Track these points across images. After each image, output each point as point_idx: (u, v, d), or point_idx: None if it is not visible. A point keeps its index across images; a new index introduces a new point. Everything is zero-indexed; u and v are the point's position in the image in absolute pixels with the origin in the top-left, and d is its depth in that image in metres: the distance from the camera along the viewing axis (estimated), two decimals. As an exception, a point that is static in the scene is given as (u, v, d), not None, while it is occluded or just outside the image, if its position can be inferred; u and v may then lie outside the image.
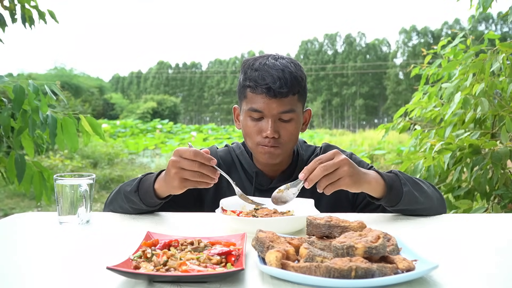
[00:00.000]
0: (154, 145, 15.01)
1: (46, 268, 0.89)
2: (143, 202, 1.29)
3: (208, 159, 1.13)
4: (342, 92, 62.05)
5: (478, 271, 0.86)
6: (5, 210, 5.84)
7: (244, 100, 1.39)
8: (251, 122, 1.37)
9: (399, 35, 60.70)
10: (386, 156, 10.81)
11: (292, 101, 1.35)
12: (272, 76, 1.31)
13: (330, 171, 1.12)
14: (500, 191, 2.24)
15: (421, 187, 1.30)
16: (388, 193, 1.23)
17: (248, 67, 1.38)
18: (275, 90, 1.31)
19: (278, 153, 1.38)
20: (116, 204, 1.38)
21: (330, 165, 1.11)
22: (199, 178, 1.14)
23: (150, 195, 1.26)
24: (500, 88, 2.42)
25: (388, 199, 1.24)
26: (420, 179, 1.35)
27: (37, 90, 2.02)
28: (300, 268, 0.78)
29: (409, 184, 1.26)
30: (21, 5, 2.44)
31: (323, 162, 1.12)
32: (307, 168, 1.13)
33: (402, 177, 1.26)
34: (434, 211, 1.34)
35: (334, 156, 1.14)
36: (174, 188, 1.19)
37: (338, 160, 1.12)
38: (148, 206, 1.30)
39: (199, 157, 1.12)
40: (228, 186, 1.45)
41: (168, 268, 0.81)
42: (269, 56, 1.38)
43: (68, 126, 2.15)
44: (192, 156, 1.12)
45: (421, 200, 1.28)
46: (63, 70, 37.31)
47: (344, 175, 1.12)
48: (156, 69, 74.97)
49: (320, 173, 1.11)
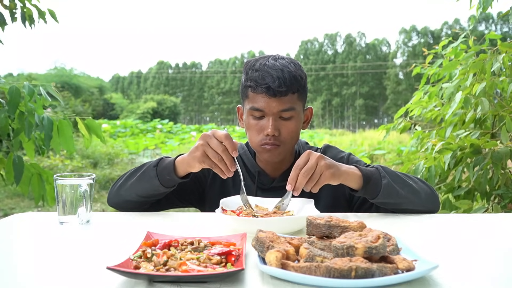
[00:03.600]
0: (154, 145, 15.00)
1: (46, 268, 0.89)
2: (158, 178, 1.31)
3: (233, 147, 1.20)
4: (342, 92, 62.07)
5: (478, 271, 0.86)
6: (5, 210, 5.84)
7: (246, 100, 1.43)
8: (253, 121, 1.41)
9: (399, 35, 60.73)
10: (386, 156, 10.81)
11: (292, 99, 1.38)
12: (272, 76, 1.35)
13: (311, 173, 1.18)
14: (500, 191, 2.24)
15: (405, 181, 1.33)
16: (366, 184, 1.27)
17: (249, 68, 1.42)
18: (274, 89, 1.34)
19: (279, 151, 1.41)
20: (124, 188, 1.39)
21: (309, 167, 1.18)
22: (218, 161, 1.21)
23: (169, 170, 1.31)
24: (500, 88, 2.42)
25: (366, 191, 1.29)
26: (408, 175, 1.37)
27: (32, 92, 2.02)
28: (300, 268, 0.78)
29: (388, 177, 1.29)
30: (21, 4, 2.44)
31: (301, 167, 1.19)
32: (290, 178, 1.19)
33: (382, 170, 1.31)
34: (422, 206, 1.35)
35: (308, 157, 1.20)
36: (194, 159, 1.24)
37: (314, 159, 1.19)
38: (162, 184, 1.33)
39: (227, 141, 1.20)
40: (233, 185, 1.50)
41: (168, 268, 0.80)
42: (269, 57, 1.42)
43: (64, 129, 2.15)
44: (223, 138, 1.20)
45: (402, 193, 1.30)
46: (63, 70, 37.28)
47: (323, 170, 1.20)
48: (156, 69, 74.99)
49: (303, 180, 1.18)
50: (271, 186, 1.49)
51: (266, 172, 1.51)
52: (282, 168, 1.51)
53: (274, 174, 1.51)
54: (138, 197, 1.37)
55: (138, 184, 1.36)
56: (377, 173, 1.29)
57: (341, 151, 1.56)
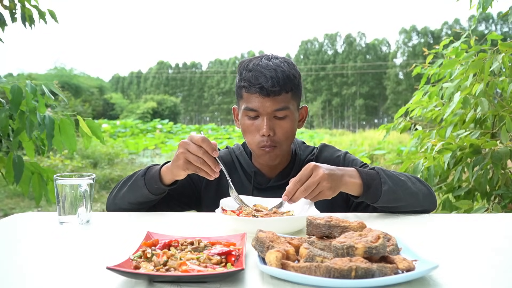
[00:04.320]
0: (154, 145, 15.01)
1: (46, 268, 0.89)
2: (147, 187, 1.33)
3: (212, 148, 1.20)
4: (342, 92, 62.06)
5: (478, 271, 0.86)
6: (5, 210, 5.84)
7: (241, 100, 1.43)
8: (248, 121, 1.42)
9: (399, 35, 60.76)
10: (386, 156, 10.81)
11: (286, 99, 1.39)
12: (265, 75, 1.36)
13: (310, 190, 1.18)
14: (500, 191, 2.24)
15: (405, 183, 1.32)
16: (366, 192, 1.27)
17: (243, 68, 1.43)
18: (267, 89, 1.35)
19: (276, 153, 1.42)
20: (118, 197, 1.40)
21: (310, 185, 1.17)
22: (201, 164, 1.21)
23: (155, 180, 1.32)
24: (500, 88, 2.41)
25: (366, 197, 1.28)
26: (406, 175, 1.37)
27: (34, 91, 2.02)
28: (300, 268, 0.78)
29: (390, 182, 1.28)
30: (21, 5, 2.44)
31: (302, 182, 1.17)
32: (288, 191, 1.18)
33: (383, 175, 1.29)
34: (420, 207, 1.35)
35: (312, 171, 1.19)
36: (178, 168, 1.24)
37: (317, 178, 1.17)
38: (151, 193, 1.34)
39: (205, 144, 1.20)
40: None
41: (168, 268, 0.80)
42: (263, 57, 1.43)
43: (66, 128, 2.14)
44: (200, 141, 1.20)
45: (402, 197, 1.30)
46: (63, 70, 37.30)
47: (324, 189, 1.18)
48: (156, 69, 74.98)
49: (300, 195, 1.18)
50: (267, 186, 1.50)
51: (262, 172, 1.52)
52: (279, 168, 1.51)
53: (270, 174, 1.52)
54: (132, 205, 1.39)
55: (129, 193, 1.38)
56: (377, 179, 1.28)
57: (338, 150, 1.57)
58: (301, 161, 1.53)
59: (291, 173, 1.49)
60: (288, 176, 1.48)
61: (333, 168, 1.23)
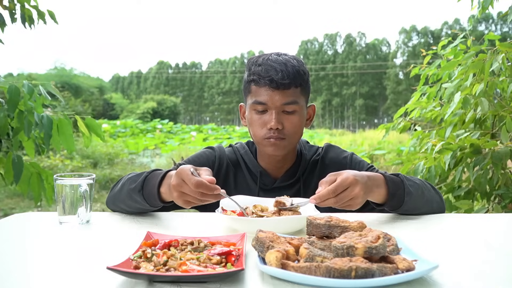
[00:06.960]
0: (154, 145, 15.01)
1: (46, 268, 0.89)
2: (146, 201, 1.27)
3: (212, 189, 1.09)
4: (342, 92, 62.04)
5: (478, 271, 0.85)
6: (5, 210, 5.84)
7: (249, 95, 1.42)
8: (256, 116, 1.40)
9: (399, 35, 60.71)
10: (386, 156, 10.80)
11: (295, 93, 1.38)
12: (275, 69, 1.35)
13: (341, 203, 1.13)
14: (500, 191, 2.24)
15: (423, 193, 1.32)
16: (390, 201, 1.25)
17: (252, 63, 1.43)
18: (277, 82, 1.34)
19: (284, 145, 1.40)
20: (119, 200, 1.36)
21: (342, 198, 1.12)
22: (202, 201, 1.12)
23: (154, 198, 1.24)
24: (500, 88, 2.41)
25: (388, 206, 1.27)
26: (422, 181, 1.36)
27: (31, 91, 2.02)
28: (300, 268, 0.78)
29: (413, 192, 1.26)
30: (20, 5, 2.44)
31: (336, 193, 1.11)
32: (319, 196, 1.12)
33: (407, 184, 1.26)
34: (431, 212, 1.36)
35: (350, 185, 1.12)
36: (179, 203, 1.17)
37: (353, 194, 1.12)
38: (151, 206, 1.29)
39: (202, 188, 1.08)
40: (234, 186, 1.49)
41: (168, 268, 0.80)
42: (272, 53, 1.43)
43: (64, 127, 2.14)
44: (194, 187, 1.08)
45: (420, 206, 1.31)
46: (63, 70, 37.28)
47: (353, 204, 1.14)
48: (156, 69, 74.97)
49: (330, 204, 1.12)
50: (273, 187, 1.48)
51: (268, 172, 1.49)
52: (284, 167, 1.49)
53: (276, 174, 1.50)
54: (131, 210, 1.36)
55: (129, 201, 1.32)
56: (401, 188, 1.24)
57: (344, 151, 1.55)
58: (307, 161, 1.51)
59: (297, 174, 1.49)
60: (294, 176, 1.48)
61: (368, 182, 1.17)
